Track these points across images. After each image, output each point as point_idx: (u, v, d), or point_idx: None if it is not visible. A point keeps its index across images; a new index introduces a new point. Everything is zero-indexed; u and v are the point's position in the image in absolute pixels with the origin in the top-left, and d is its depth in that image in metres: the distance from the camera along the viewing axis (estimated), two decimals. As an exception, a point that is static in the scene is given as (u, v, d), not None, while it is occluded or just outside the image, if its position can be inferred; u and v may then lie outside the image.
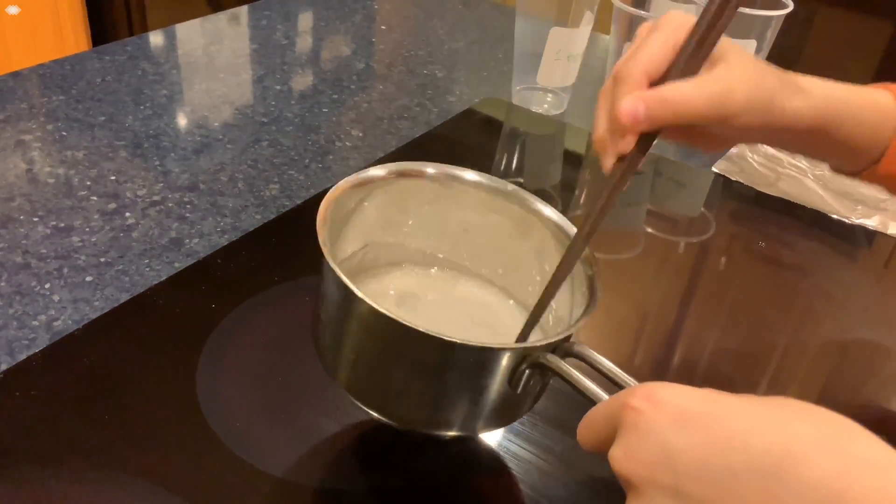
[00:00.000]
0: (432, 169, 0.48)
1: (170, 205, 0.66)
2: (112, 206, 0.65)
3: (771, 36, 0.80)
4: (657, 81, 0.41)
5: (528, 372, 0.38)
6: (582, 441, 0.33)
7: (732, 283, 0.69)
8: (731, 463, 0.26)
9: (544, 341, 0.38)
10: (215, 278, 0.58)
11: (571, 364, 0.37)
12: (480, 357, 0.37)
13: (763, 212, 0.78)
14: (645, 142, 0.41)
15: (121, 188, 0.68)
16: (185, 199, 0.67)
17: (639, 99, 0.40)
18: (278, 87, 0.89)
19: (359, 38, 1.06)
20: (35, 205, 0.64)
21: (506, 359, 0.37)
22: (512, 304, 0.50)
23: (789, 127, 0.45)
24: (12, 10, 1.84)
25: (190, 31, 1.01)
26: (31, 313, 0.53)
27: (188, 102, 0.85)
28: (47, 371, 0.49)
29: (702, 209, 0.80)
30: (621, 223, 0.77)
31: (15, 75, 0.84)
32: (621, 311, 0.63)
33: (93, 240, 0.61)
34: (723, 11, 0.38)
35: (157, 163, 0.72)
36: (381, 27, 1.12)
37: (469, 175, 0.48)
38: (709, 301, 0.66)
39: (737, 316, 0.64)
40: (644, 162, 0.42)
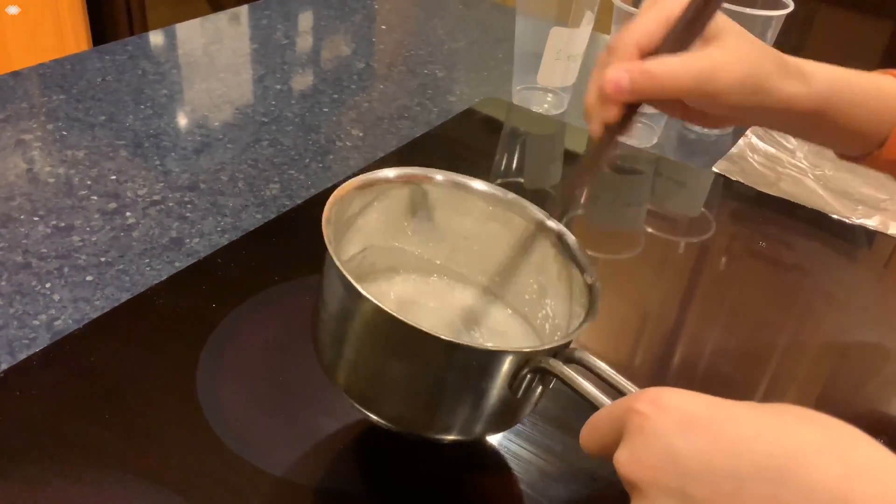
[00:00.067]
0: (441, 176, 0.48)
1: (170, 204, 0.66)
2: (112, 205, 0.65)
3: (771, 36, 0.80)
4: (649, 55, 0.42)
5: (530, 377, 0.38)
6: (585, 445, 0.34)
7: (733, 284, 0.69)
8: (737, 466, 0.26)
9: (546, 346, 0.38)
10: (216, 278, 0.58)
11: (572, 370, 0.37)
12: (484, 360, 0.37)
13: (763, 212, 0.78)
14: (630, 112, 0.42)
15: (121, 188, 0.68)
16: (186, 199, 0.67)
17: (624, 70, 0.40)
18: (279, 86, 0.89)
19: (359, 38, 1.06)
20: (35, 204, 0.64)
21: (508, 362, 0.37)
22: (508, 312, 0.49)
23: (785, 110, 0.46)
24: (12, 10, 1.84)
25: (190, 31, 1.01)
26: (31, 313, 0.53)
27: (188, 102, 0.85)
28: (48, 370, 0.49)
29: (702, 209, 0.80)
30: (621, 223, 0.77)
31: (15, 75, 0.84)
32: (621, 311, 0.63)
33: (93, 239, 0.61)
34: None
35: (157, 162, 0.72)
36: (382, 27, 1.12)
37: (475, 184, 0.48)
38: (709, 301, 0.66)
39: (737, 316, 0.64)
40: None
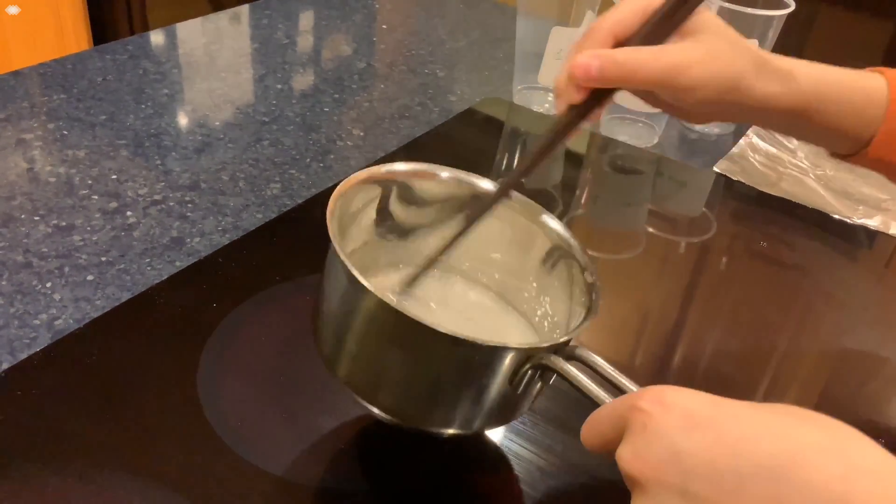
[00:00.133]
0: (446, 173, 0.48)
1: (171, 204, 0.66)
2: (113, 205, 0.65)
3: (772, 35, 0.80)
4: (623, 43, 0.42)
5: (531, 373, 0.38)
6: (586, 441, 0.34)
7: (733, 283, 0.69)
8: (738, 465, 0.27)
9: (548, 343, 0.38)
10: (216, 277, 0.58)
11: (573, 367, 0.37)
12: (487, 355, 0.37)
13: (764, 212, 0.78)
14: (597, 97, 0.42)
15: (122, 187, 0.68)
16: (187, 199, 0.67)
17: (594, 56, 0.40)
18: (279, 86, 0.89)
19: (360, 38, 1.06)
20: (36, 204, 0.64)
21: (510, 358, 0.37)
22: (507, 309, 0.50)
23: (763, 108, 0.46)
24: (12, 10, 1.84)
25: (191, 31, 1.01)
26: (32, 312, 0.53)
27: (189, 101, 0.85)
28: (48, 370, 0.49)
29: (703, 209, 0.80)
30: (622, 223, 0.77)
31: (16, 74, 0.84)
32: (622, 310, 0.63)
33: (94, 239, 0.61)
34: None
35: (158, 162, 0.72)
36: (382, 26, 1.12)
37: (479, 182, 0.48)
38: (710, 301, 0.66)
39: (738, 316, 0.64)
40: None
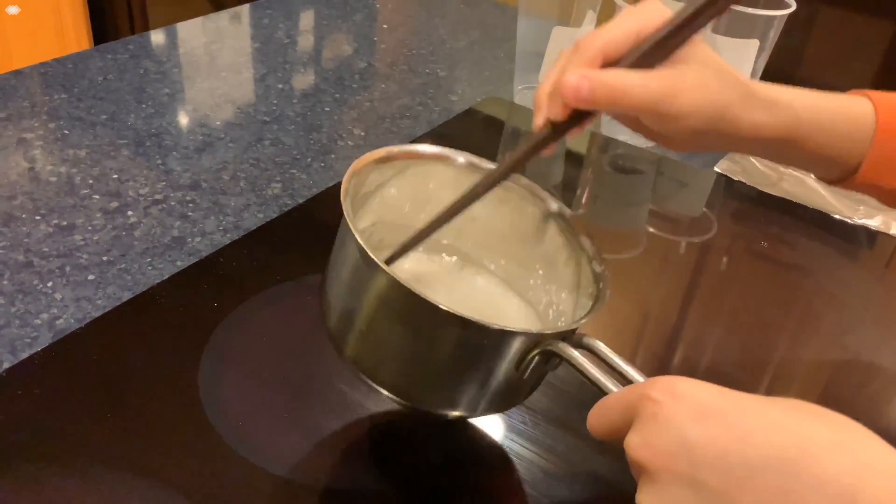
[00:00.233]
0: (462, 158, 0.48)
1: (172, 203, 0.66)
2: (114, 204, 0.65)
3: (773, 36, 0.80)
4: (612, 63, 0.41)
5: (538, 359, 0.39)
6: (593, 428, 0.34)
7: (734, 283, 0.69)
8: (748, 456, 0.27)
9: (557, 329, 0.38)
10: (217, 277, 0.58)
11: (580, 355, 0.38)
12: (496, 339, 0.38)
13: (765, 212, 0.78)
14: (579, 117, 0.41)
15: (123, 187, 0.68)
16: (188, 198, 0.67)
17: (584, 77, 0.40)
18: (280, 85, 0.89)
19: (360, 37, 1.06)
20: (37, 203, 0.64)
21: (519, 343, 0.38)
22: (511, 294, 0.50)
23: (751, 139, 0.45)
24: (12, 9, 1.84)
25: (191, 30, 1.01)
26: (33, 312, 0.53)
27: (190, 101, 0.85)
28: (49, 369, 0.49)
29: (704, 209, 0.80)
30: (623, 223, 0.77)
31: (17, 74, 0.84)
32: (623, 310, 0.63)
33: (95, 238, 0.61)
34: (695, 18, 0.38)
35: (159, 161, 0.72)
36: (383, 26, 1.12)
37: (493, 168, 0.48)
38: (710, 301, 0.66)
39: (738, 316, 0.64)
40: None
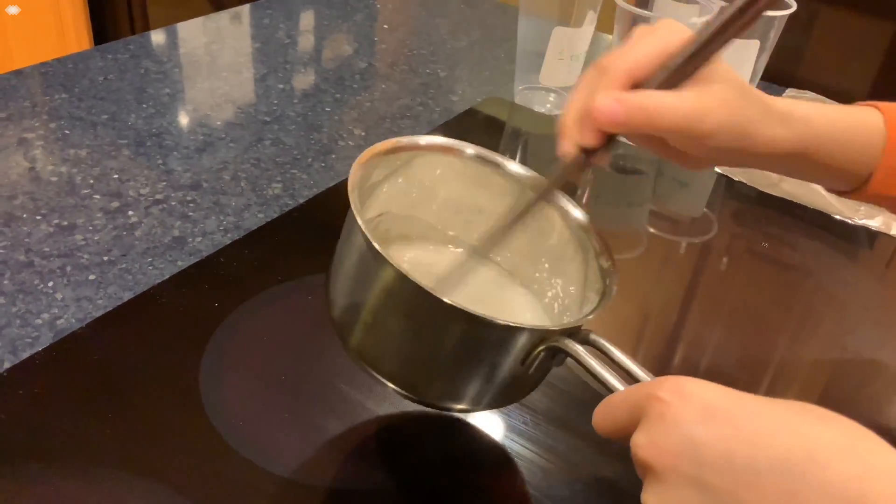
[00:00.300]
0: (471, 150, 0.48)
1: (173, 203, 0.66)
2: (115, 204, 0.65)
3: (774, 36, 0.80)
4: (638, 85, 0.41)
5: (544, 355, 0.39)
6: (598, 425, 0.34)
7: (734, 284, 0.69)
8: (756, 458, 0.27)
9: (563, 326, 0.38)
10: (218, 277, 0.58)
11: (586, 352, 0.38)
12: (502, 335, 0.38)
13: (766, 212, 0.78)
14: (610, 141, 0.41)
15: (123, 186, 0.68)
16: (188, 198, 0.67)
17: (619, 100, 0.39)
18: (281, 85, 0.89)
19: (361, 37, 1.06)
20: (38, 203, 0.64)
21: (525, 339, 0.38)
22: (517, 286, 0.50)
23: (767, 154, 0.45)
24: (12, 10, 1.84)
25: (192, 30, 1.01)
26: (34, 311, 0.53)
27: (190, 101, 0.85)
28: (50, 369, 0.49)
29: (704, 209, 0.80)
30: (624, 223, 0.77)
31: (17, 73, 0.84)
32: (623, 310, 0.63)
33: (96, 238, 0.61)
34: (719, 35, 0.38)
35: (159, 161, 0.72)
36: (384, 26, 1.12)
37: (500, 160, 0.48)
38: (710, 301, 0.66)
39: (738, 316, 0.64)
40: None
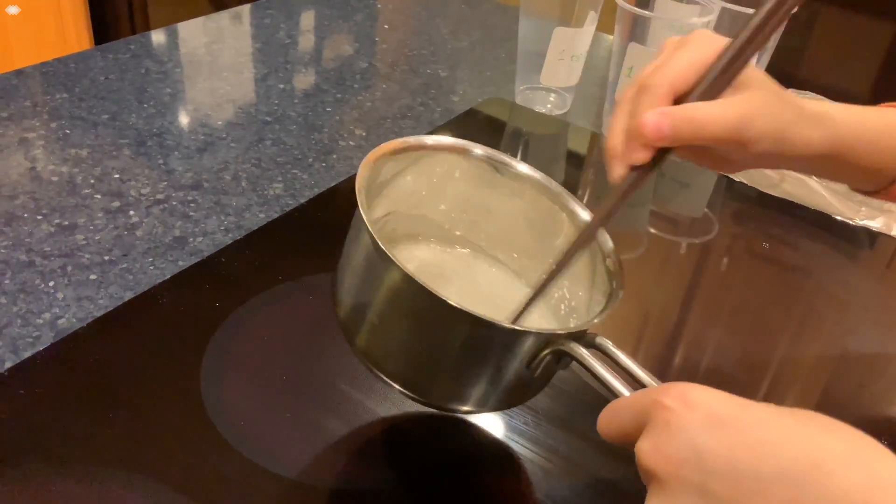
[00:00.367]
0: (479, 150, 0.48)
1: (174, 203, 0.66)
2: (116, 204, 0.65)
3: (774, 36, 0.80)
4: (681, 97, 0.41)
5: (549, 358, 0.39)
6: (603, 430, 0.34)
7: (735, 284, 0.69)
8: (761, 467, 0.27)
9: (569, 330, 0.38)
10: (219, 277, 0.58)
11: (592, 356, 0.38)
12: (508, 338, 0.38)
13: (766, 213, 0.78)
14: (660, 156, 0.41)
15: (124, 186, 0.68)
16: (189, 198, 0.67)
17: (665, 115, 0.39)
18: (281, 85, 0.89)
19: (362, 37, 1.06)
20: (39, 203, 0.64)
21: (531, 342, 0.38)
22: (524, 288, 0.50)
23: (803, 155, 0.45)
24: (12, 10, 1.84)
25: (193, 30, 1.01)
26: (35, 311, 0.53)
27: (191, 101, 0.85)
28: (51, 369, 0.49)
29: (705, 210, 0.80)
30: (624, 224, 0.77)
31: (18, 73, 0.84)
32: (623, 311, 0.62)
33: (97, 238, 0.61)
34: (754, 40, 0.39)
35: (160, 161, 0.72)
36: (384, 26, 1.12)
37: (509, 161, 0.48)
38: (711, 302, 0.66)
39: (739, 316, 0.64)
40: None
